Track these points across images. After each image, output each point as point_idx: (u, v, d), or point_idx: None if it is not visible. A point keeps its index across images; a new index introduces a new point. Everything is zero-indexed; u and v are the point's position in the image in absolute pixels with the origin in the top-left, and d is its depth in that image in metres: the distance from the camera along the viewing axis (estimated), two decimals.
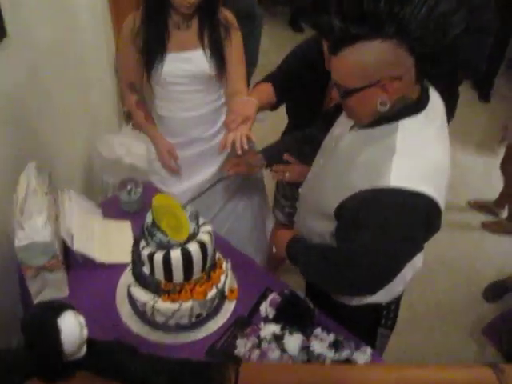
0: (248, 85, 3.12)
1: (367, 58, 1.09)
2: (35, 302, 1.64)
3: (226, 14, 1.90)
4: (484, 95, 4.79)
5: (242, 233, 2.29)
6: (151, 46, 1.84)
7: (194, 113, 1.99)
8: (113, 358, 0.88)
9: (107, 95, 3.03)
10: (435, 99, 1.27)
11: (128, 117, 3.03)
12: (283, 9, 5.86)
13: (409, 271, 1.52)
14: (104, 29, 2.83)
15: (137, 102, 2.04)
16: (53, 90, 2.27)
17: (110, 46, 2.92)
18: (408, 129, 1.19)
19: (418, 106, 1.20)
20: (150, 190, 2.08)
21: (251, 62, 3.28)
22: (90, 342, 0.86)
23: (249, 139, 1.62)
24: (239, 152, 1.60)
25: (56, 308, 0.77)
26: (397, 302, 1.64)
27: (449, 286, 3.00)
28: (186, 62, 1.87)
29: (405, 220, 1.17)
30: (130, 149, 2.72)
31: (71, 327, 0.77)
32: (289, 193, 2.29)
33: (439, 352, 2.60)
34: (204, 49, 1.87)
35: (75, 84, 2.57)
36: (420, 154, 1.18)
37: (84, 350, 0.84)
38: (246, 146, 1.60)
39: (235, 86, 1.97)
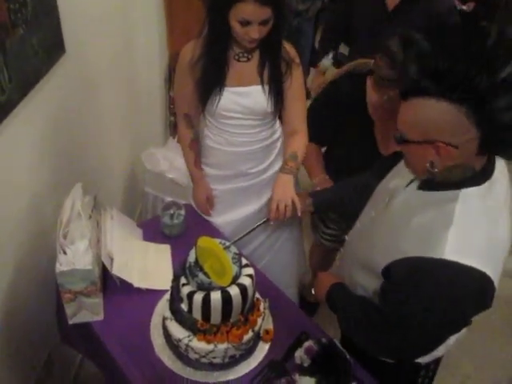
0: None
1: (430, 115, 1.04)
2: (70, 322, 1.65)
3: (288, 49, 1.82)
4: None
5: (278, 266, 2.24)
6: (209, 78, 1.78)
7: (243, 148, 1.94)
8: None
9: (155, 108, 3.05)
10: (500, 171, 1.19)
11: (174, 130, 3.04)
12: None
13: (453, 337, 1.46)
14: (158, 43, 2.84)
15: (191, 141, 1.99)
16: (104, 104, 2.29)
17: (162, 61, 2.93)
18: (469, 200, 1.13)
19: (481, 176, 1.14)
20: (193, 215, 2.07)
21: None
22: None
23: (294, 204, 1.74)
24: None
25: None
26: (437, 361, 1.58)
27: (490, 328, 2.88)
28: (244, 97, 1.81)
29: (455, 295, 1.11)
30: (173, 163, 2.73)
31: None
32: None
33: None
34: (263, 84, 1.81)
35: (126, 98, 2.59)
36: (479, 228, 1.12)
37: None
38: (288, 214, 1.76)
39: (293, 125, 1.91)
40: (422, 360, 1.50)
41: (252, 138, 1.93)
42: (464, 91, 0.98)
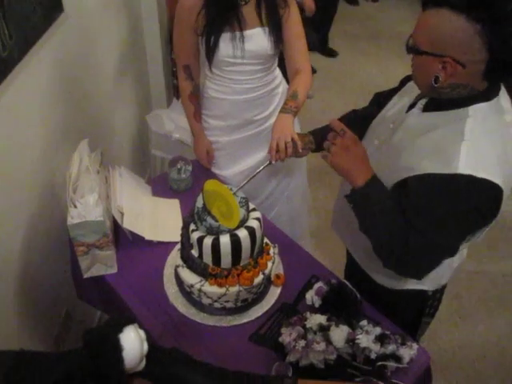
0: None
1: (444, 29, 1.08)
2: (85, 276, 1.68)
3: None
4: None
5: (289, 216, 2.26)
6: (213, 25, 1.75)
7: (247, 95, 1.93)
8: (171, 369, 0.86)
9: (158, 69, 3.03)
10: (505, 99, 1.22)
11: (178, 92, 3.02)
12: None
13: (456, 260, 1.49)
14: (157, 5, 2.81)
15: (190, 93, 1.98)
16: (105, 64, 2.28)
17: (163, 20, 2.90)
18: (479, 115, 1.16)
19: (488, 93, 1.16)
20: (200, 170, 2.09)
21: None
22: (150, 349, 0.84)
23: (294, 141, 1.66)
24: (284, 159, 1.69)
25: (118, 324, 0.76)
26: (442, 289, 1.62)
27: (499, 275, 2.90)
28: (247, 41, 1.79)
29: (469, 207, 1.15)
30: (179, 123, 2.72)
31: (133, 344, 0.76)
32: None
33: (484, 345, 2.54)
34: (263, 26, 1.79)
35: (128, 58, 2.58)
36: (491, 141, 1.15)
37: (144, 363, 0.82)
38: (289, 151, 1.66)
39: (296, 64, 1.90)
40: (428, 287, 1.53)
41: (255, 84, 1.92)
42: (484, 11, 1.01)
